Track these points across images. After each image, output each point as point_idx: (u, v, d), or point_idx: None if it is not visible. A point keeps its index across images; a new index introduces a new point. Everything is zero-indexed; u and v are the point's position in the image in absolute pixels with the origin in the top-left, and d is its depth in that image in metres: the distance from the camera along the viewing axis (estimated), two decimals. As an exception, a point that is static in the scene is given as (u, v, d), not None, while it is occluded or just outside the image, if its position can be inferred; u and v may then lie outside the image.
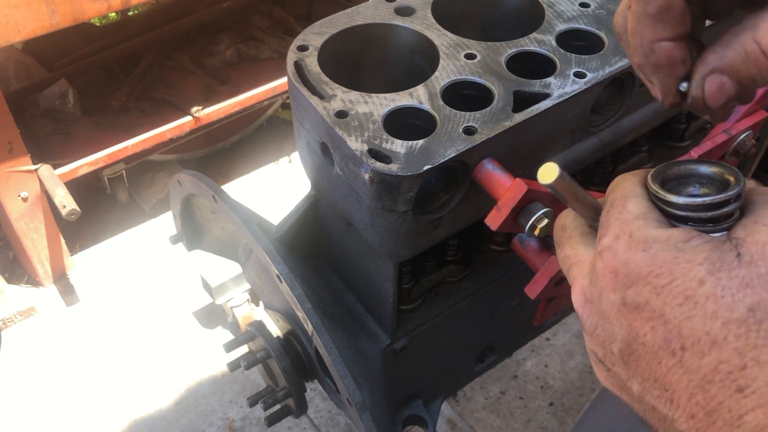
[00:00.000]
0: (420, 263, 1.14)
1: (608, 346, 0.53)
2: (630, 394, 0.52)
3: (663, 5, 0.54)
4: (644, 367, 0.49)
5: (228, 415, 2.26)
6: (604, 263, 0.52)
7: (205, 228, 1.43)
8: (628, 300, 0.50)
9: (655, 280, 0.48)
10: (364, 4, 1.07)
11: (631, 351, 0.50)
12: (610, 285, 0.51)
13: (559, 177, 0.57)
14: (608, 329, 0.52)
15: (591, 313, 0.54)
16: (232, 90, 2.84)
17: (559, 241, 0.63)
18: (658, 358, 0.48)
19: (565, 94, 0.94)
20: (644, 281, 0.49)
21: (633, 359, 0.50)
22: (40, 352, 2.42)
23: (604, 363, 0.55)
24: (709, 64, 0.55)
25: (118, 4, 2.07)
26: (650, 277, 0.48)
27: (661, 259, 0.49)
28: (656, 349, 0.48)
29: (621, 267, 0.51)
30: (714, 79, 0.55)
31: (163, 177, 3.03)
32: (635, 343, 0.49)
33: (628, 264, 0.50)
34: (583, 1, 1.08)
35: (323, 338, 1.01)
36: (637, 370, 0.50)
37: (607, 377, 0.56)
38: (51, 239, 2.49)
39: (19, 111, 2.61)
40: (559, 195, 0.60)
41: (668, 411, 0.48)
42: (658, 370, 0.48)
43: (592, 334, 0.54)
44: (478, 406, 2.29)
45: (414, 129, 0.91)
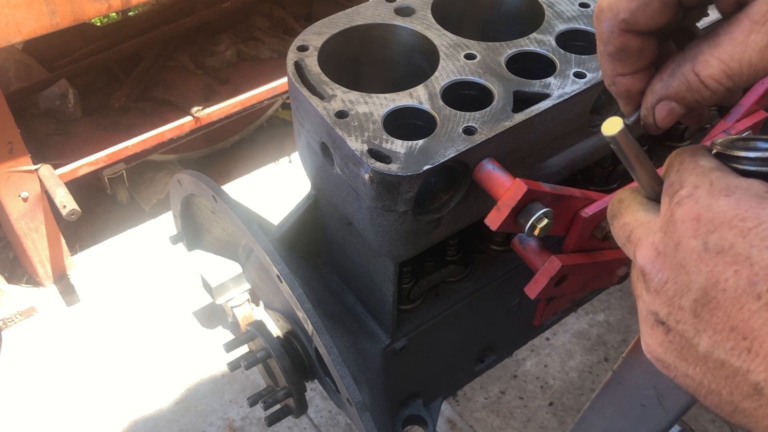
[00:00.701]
0: (420, 263, 1.14)
1: (678, 301, 0.51)
2: (694, 353, 0.51)
3: (618, 47, 0.59)
4: (720, 316, 0.48)
5: (228, 414, 2.26)
6: (684, 211, 0.51)
7: (205, 228, 1.43)
8: (710, 245, 0.49)
9: (741, 223, 0.48)
10: (364, 4, 1.07)
11: (707, 300, 0.49)
12: (690, 232, 0.50)
13: (622, 131, 0.57)
14: (682, 280, 0.51)
15: (663, 267, 0.53)
16: (232, 90, 2.84)
17: (616, 213, 0.62)
18: (739, 304, 0.47)
19: (565, 94, 0.94)
20: (729, 225, 0.48)
21: (707, 309, 0.49)
22: (40, 352, 2.42)
23: (667, 323, 0.53)
24: (657, 93, 0.59)
25: (118, 4, 2.08)
26: (736, 220, 0.48)
27: (746, 203, 0.48)
28: (739, 293, 0.47)
29: (704, 212, 0.50)
30: (663, 105, 0.59)
31: (163, 177, 3.04)
32: (714, 290, 0.48)
33: (712, 209, 0.50)
34: (583, 1, 1.08)
35: (323, 338, 1.01)
36: (710, 322, 0.49)
37: (662, 342, 0.54)
38: (51, 239, 2.49)
39: (19, 111, 2.62)
40: (619, 152, 0.58)
41: (743, 362, 0.47)
42: (737, 316, 0.47)
43: (659, 290, 0.53)
44: (478, 406, 2.29)
45: (414, 129, 0.91)
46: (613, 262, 0.98)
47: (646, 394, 1.12)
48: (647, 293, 0.55)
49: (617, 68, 0.60)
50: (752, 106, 1.00)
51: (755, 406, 0.47)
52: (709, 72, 0.54)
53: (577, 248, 0.92)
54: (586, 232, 0.91)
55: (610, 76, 0.62)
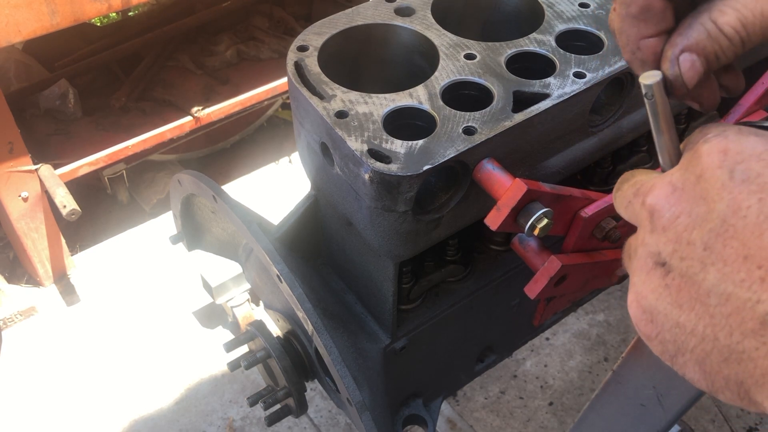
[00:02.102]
0: (420, 263, 1.14)
1: (688, 236, 0.51)
2: (694, 293, 0.50)
3: (643, 6, 0.59)
4: (735, 245, 0.48)
5: (228, 414, 2.27)
6: (711, 144, 0.52)
7: (205, 228, 1.43)
8: (736, 174, 0.49)
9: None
10: (364, 5, 1.07)
11: (724, 229, 0.49)
12: (716, 162, 0.51)
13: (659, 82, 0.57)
14: (698, 212, 0.51)
15: (678, 201, 0.53)
16: (233, 90, 2.84)
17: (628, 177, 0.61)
18: (759, 230, 0.47)
19: (564, 94, 0.94)
20: (758, 157, 0.49)
21: (722, 240, 0.49)
22: (40, 352, 2.42)
23: (669, 262, 0.52)
24: (678, 44, 0.59)
25: (118, 4, 2.08)
26: (765, 154, 0.49)
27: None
28: (761, 220, 0.47)
29: (732, 146, 0.51)
30: (685, 57, 0.59)
31: (164, 177, 3.04)
32: (734, 217, 0.48)
33: (741, 143, 0.50)
34: (583, 2, 1.08)
35: (323, 338, 1.01)
36: (721, 254, 0.49)
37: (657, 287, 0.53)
38: (51, 239, 2.49)
39: (19, 111, 2.62)
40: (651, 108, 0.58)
41: (753, 293, 0.47)
42: (755, 244, 0.47)
43: (668, 227, 0.53)
44: (478, 406, 2.29)
45: (414, 129, 0.92)
46: (613, 262, 0.98)
47: (646, 394, 1.13)
48: (651, 234, 0.54)
49: (642, 30, 0.61)
50: (752, 106, 1.00)
51: (756, 345, 0.46)
52: (725, 19, 0.56)
53: (577, 248, 0.93)
54: (586, 232, 0.91)
55: (635, 40, 0.62)
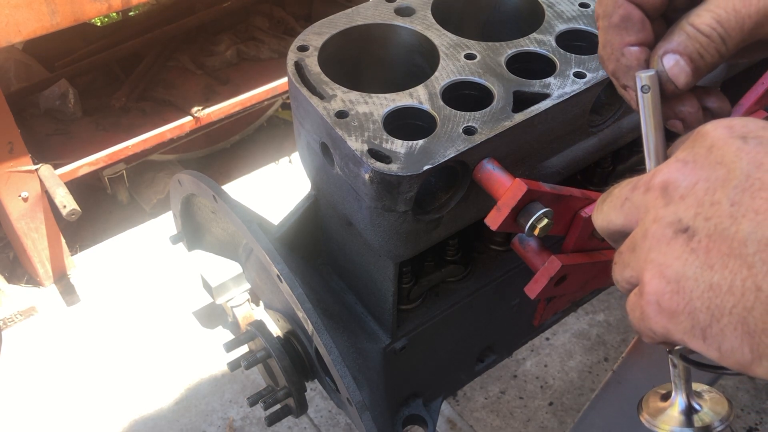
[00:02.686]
0: (420, 263, 1.14)
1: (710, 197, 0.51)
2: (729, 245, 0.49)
3: (623, 15, 0.65)
4: (765, 195, 0.49)
5: (228, 414, 2.27)
6: (715, 124, 0.54)
7: (205, 228, 1.43)
8: (749, 140, 0.51)
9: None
10: (364, 5, 1.07)
11: (750, 183, 0.49)
12: (725, 134, 0.52)
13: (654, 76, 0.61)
14: (718, 175, 0.51)
15: (692, 171, 0.53)
16: (233, 90, 2.84)
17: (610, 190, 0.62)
18: None
19: (564, 94, 0.94)
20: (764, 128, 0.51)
21: (749, 193, 0.49)
22: (40, 352, 2.42)
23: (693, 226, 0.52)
24: (661, 47, 0.64)
25: (118, 4, 2.08)
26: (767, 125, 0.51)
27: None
28: None
29: (738, 122, 0.53)
30: (669, 56, 0.63)
31: (164, 177, 3.04)
32: (759, 171, 0.49)
33: (746, 123, 0.52)
34: (583, 2, 1.08)
35: (323, 338, 1.01)
36: (751, 205, 0.49)
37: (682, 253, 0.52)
38: (51, 239, 2.49)
39: (19, 111, 2.62)
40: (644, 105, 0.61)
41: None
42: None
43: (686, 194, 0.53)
44: (478, 406, 2.29)
45: (414, 129, 0.92)
46: (613, 262, 0.98)
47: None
48: (667, 207, 0.54)
49: (624, 38, 0.65)
50: (752, 106, 1.00)
51: None
52: (701, 20, 0.61)
53: (577, 248, 0.93)
54: (586, 232, 0.91)
55: (618, 48, 0.66)
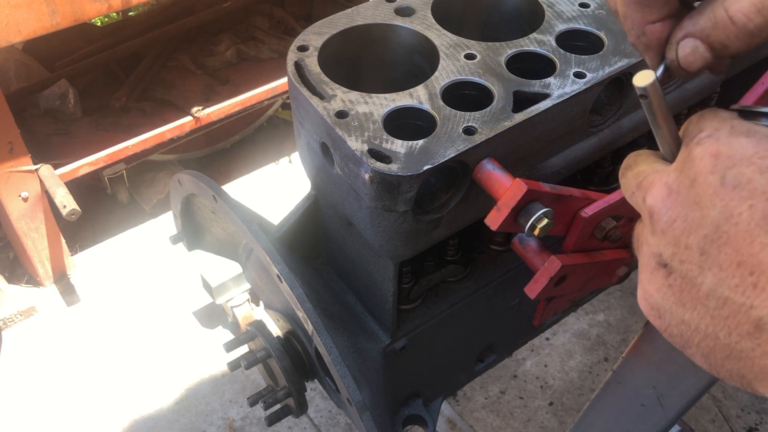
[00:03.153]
0: (420, 263, 1.14)
1: (685, 239, 0.51)
2: (695, 294, 0.51)
3: None
4: (729, 252, 0.49)
5: (228, 414, 2.27)
6: (704, 148, 0.52)
7: (205, 228, 1.43)
8: (727, 179, 0.49)
9: (760, 161, 0.49)
10: (364, 5, 1.07)
11: (718, 235, 0.49)
12: (708, 167, 0.51)
13: (654, 83, 0.56)
14: (693, 217, 0.51)
15: (674, 205, 0.53)
16: (233, 90, 2.84)
17: (631, 164, 0.61)
18: (750, 237, 0.47)
19: (564, 94, 0.94)
20: (748, 161, 0.49)
21: (716, 246, 0.49)
22: (40, 352, 2.42)
23: (670, 264, 0.53)
24: (683, 29, 0.58)
25: (118, 4, 2.08)
26: (755, 158, 0.49)
27: (765, 144, 0.49)
28: (752, 227, 0.47)
29: (724, 149, 0.51)
30: (687, 42, 0.58)
31: (164, 177, 3.04)
32: (727, 224, 0.49)
33: (732, 146, 0.50)
34: (583, 2, 1.08)
35: (323, 338, 1.01)
36: (716, 259, 0.49)
37: (661, 287, 0.54)
38: (51, 239, 2.49)
39: (19, 111, 2.62)
40: (647, 106, 0.58)
41: (746, 298, 0.47)
42: (747, 251, 0.48)
43: (666, 230, 0.53)
44: (478, 406, 2.29)
45: (414, 129, 0.92)
46: (613, 262, 0.98)
47: (646, 394, 1.13)
48: (652, 235, 0.54)
49: (647, 15, 0.60)
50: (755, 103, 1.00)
51: (753, 346, 0.47)
52: (739, 6, 0.53)
53: (577, 248, 0.93)
54: (586, 232, 0.91)
55: (639, 26, 0.61)
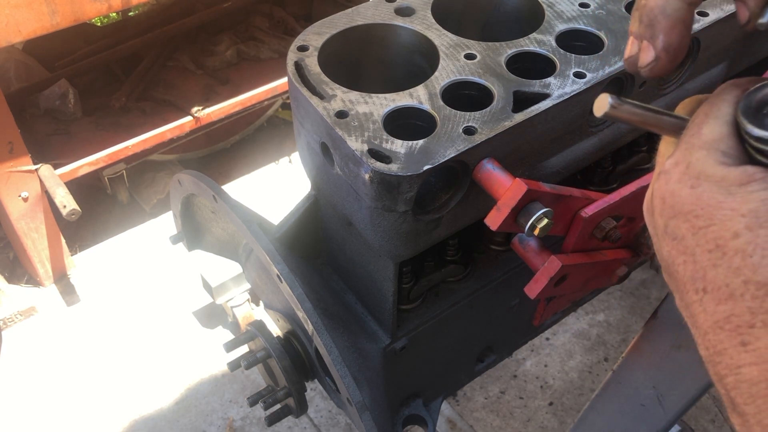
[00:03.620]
0: (420, 263, 1.14)
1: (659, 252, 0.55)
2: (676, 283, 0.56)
3: None
4: (678, 288, 0.52)
5: (228, 414, 2.27)
6: (658, 186, 0.54)
7: (205, 228, 1.43)
8: (669, 229, 0.52)
9: (694, 219, 0.50)
10: (364, 5, 1.07)
11: (670, 272, 0.53)
12: (658, 209, 0.54)
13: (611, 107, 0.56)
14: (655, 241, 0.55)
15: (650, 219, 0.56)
16: (233, 90, 2.84)
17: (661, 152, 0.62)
18: (685, 290, 0.51)
19: (564, 94, 0.94)
20: (684, 217, 0.50)
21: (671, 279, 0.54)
22: (40, 352, 2.42)
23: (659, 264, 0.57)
24: None
25: (118, 5, 2.07)
26: (690, 216, 0.50)
27: (705, 200, 0.50)
28: (685, 281, 0.51)
29: (668, 197, 0.53)
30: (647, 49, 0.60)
31: (164, 177, 3.04)
32: (671, 267, 0.53)
33: (674, 196, 0.52)
34: (583, 2, 1.08)
35: (323, 338, 1.01)
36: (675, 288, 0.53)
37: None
38: (51, 239, 2.49)
39: (19, 111, 2.62)
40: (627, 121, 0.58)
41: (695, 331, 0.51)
42: (685, 298, 0.51)
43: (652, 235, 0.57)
44: (478, 406, 2.29)
45: (414, 129, 0.91)
46: (613, 262, 0.98)
47: (646, 394, 1.13)
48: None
49: None
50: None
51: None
52: None
53: (577, 248, 0.93)
54: (585, 232, 0.91)
55: None
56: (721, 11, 1.08)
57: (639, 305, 2.58)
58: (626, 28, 1.05)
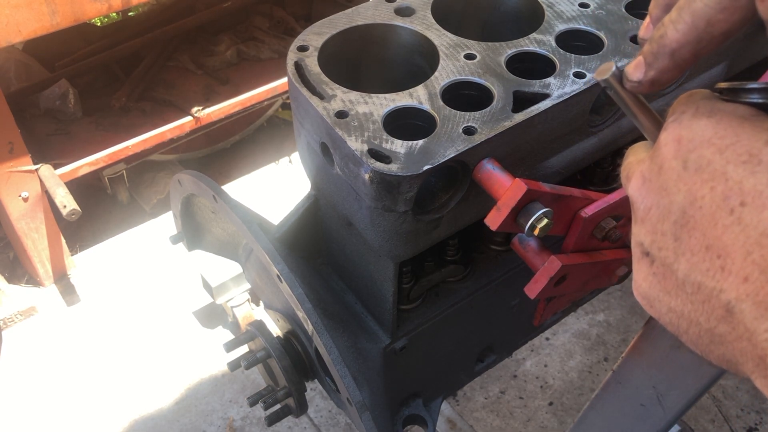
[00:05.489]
0: (420, 263, 1.14)
1: (660, 227, 0.52)
2: (675, 281, 0.51)
3: None
4: (697, 236, 0.49)
5: (228, 414, 2.27)
6: (668, 133, 0.52)
7: (205, 228, 1.43)
8: (689, 164, 0.50)
9: (718, 141, 0.48)
10: (364, 5, 1.07)
11: (686, 220, 0.50)
12: (672, 152, 0.51)
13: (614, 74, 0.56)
14: (664, 203, 0.52)
15: (648, 193, 0.54)
16: (233, 90, 2.84)
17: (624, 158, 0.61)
18: (714, 220, 0.47)
19: (564, 94, 0.94)
20: (708, 143, 0.49)
21: (686, 231, 0.50)
22: (40, 352, 2.42)
23: (651, 252, 0.53)
24: None
25: (118, 5, 2.08)
26: (714, 138, 0.49)
27: (726, 122, 0.49)
28: (714, 209, 0.47)
29: (685, 133, 0.51)
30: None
31: (164, 177, 3.04)
32: (692, 209, 0.49)
33: (692, 129, 0.50)
34: (583, 2, 1.08)
35: (323, 338, 1.01)
36: (688, 244, 0.50)
37: (647, 276, 0.54)
38: (51, 239, 2.49)
39: (19, 111, 2.62)
40: (616, 97, 0.58)
41: (716, 282, 0.47)
42: (712, 233, 0.48)
43: (644, 219, 0.54)
44: (478, 406, 2.29)
45: (414, 129, 0.92)
46: (613, 262, 0.98)
47: (646, 394, 1.12)
48: (635, 225, 0.55)
49: None
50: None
51: (728, 330, 0.47)
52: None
53: (577, 248, 0.93)
54: (585, 232, 0.91)
55: None
56: (721, 11, 1.07)
57: (639, 305, 2.57)
58: (626, 28, 1.05)
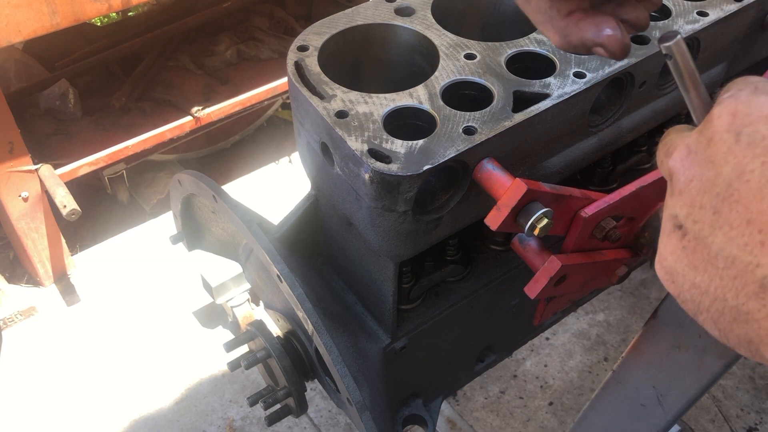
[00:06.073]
0: (420, 263, 1.14)
1: (700, 199, 0.52)
2: (706, 254, 0.51)
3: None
4: (739, 210, 0.49)
5: (228, 414, 2.27)
6: (723, 107, 0.52)
7: (205, 228, 1.43)
8: (742, 137, 0.49)
9: None
10: (364, 5, 1.07)
11: (729, 193, 0.50)
12: (725, 125, 0.51)
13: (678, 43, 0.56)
14: (708, 176, 0.51)
15: (691, 164, 0.53)
16: (233, 90, 2.84)
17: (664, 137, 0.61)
18: (761, 195, 0.48)
19: (564, 94, 0.94)
20: (766, 119, 0.49)
21: (728, 204, 0.50)
22: (40, 352, 2.42)
23: (685, 225, 0.53)
24: None
25: (118, 4, 2.08)
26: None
27: None
28: (762, 184, 0.47)
29: (742, 107, 0.51)
30: None
31: (164, 177, 3.04)
32: (738, 182, 0.49)
33: (751, 104, 0.50)
34: (583, 2, 1.08)
35: (323, 338, 1.01)
36: (727, 217, 0.50)
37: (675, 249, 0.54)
38: (51, 239, 2.49)
39: (19, 111, 2.62)
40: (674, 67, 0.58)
41: (753, 257, 0.48)
42: (756, 208, 0.48)
43: (683, 190, 0.53)
44: (478, 406, 2.29)
45: (414, 129, 0.92)
46: (613, 262, 0.98)
47: (646, 394, 1.12)
48: (671, 197, 0.55)
49: None
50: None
51: (758, 306, 0.47)
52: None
53: (577, 248, 0.92)
54: (585, 232, 0.91)
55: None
56: (721, 11, 1.08)
57: (639, 305, 2.58)
58: (626, 28, 1.04)
